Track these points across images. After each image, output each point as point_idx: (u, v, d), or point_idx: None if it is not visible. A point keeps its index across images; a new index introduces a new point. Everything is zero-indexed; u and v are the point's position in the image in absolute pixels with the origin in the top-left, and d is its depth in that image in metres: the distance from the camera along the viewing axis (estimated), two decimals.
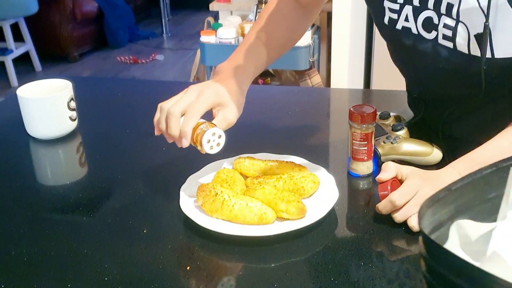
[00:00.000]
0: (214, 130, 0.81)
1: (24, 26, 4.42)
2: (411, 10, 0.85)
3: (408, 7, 0.85)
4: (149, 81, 2.32)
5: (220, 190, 0.82)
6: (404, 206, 0.76)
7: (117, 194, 0.93)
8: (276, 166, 0.91)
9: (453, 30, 0.80)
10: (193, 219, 0.79)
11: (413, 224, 0.75)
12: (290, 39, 1.06)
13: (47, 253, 0.77)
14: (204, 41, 2.52)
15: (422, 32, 0.85)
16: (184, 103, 0.83)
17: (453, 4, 0.79)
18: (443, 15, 0.81)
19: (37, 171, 1.07)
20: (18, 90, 1.11)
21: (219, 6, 2.96)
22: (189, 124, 0.81)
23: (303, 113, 1.23)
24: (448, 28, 0.81)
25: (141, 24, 6.06)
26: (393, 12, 0.88)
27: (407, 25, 0.87)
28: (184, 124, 0.81)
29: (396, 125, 0.98)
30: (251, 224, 0.78)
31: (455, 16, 0.79)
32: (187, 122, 0.81)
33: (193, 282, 0.71)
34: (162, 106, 0.84)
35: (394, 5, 0.87)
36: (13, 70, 4.26)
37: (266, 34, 1.00)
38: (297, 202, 0.80)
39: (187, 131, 0.81)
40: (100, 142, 1.13)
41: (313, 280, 0.70)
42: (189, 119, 0.81)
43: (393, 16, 0.88)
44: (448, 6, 0.80)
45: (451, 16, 0.80)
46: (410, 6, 0.85)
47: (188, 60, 4.66)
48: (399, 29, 0.88)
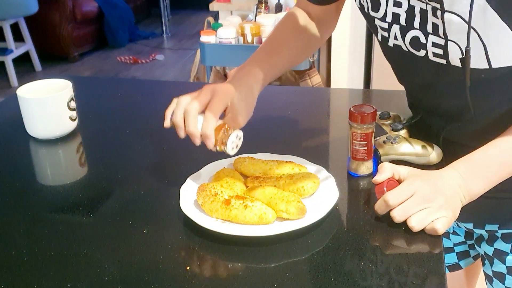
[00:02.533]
0: (237, 133, 0.86)
1: (24, 26, 4.43)
2: (398, 29, 0.85)
3: (396, 26, 0.85)
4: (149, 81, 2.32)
5: (220, 190, 0.82)
6: (403, 206, 0.76)
7: (117, 194, 0.93)
8: (276, 166, 0.91)
9: (443, 48, 0.80)
10: (193, 219, 0.79)
11: (413, 224, 0.75)
12: (302, 51, 1.07)
13: (47, 253, 0.77)
14: (204, 41, 2.52)
15: (411, 50, 0.85)
16: (201, 102, 0.85)
17: (438, 25, 0.78)
18: (430, 34, 0.80)
19: (37, 171, 1.07)
20: (18, 90, 1.11)
21: (219, 6, 2.96)
22: (209, 127, 0.83)
23: (303, 113, 1.23)
24: (437, 47, 0.80)
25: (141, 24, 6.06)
26: (384, 31, 0.88)
27: (397, 43, 0.87)
28: (205, 126, 0.84)
29: (396, 125, 0.98)
30: (251, 224, 0.78)
31: (443, 35, 0.78)
32: (208, 124, 0.84)
33: (193, 282, 0.71)
34: (179, 101, 0.86)
35: (383, 23, 0.87)
36: (13, 70, 4.27)
37: (279, 45, 1.02)
38: (297, 202, 0.80)
39: (210, 133, 0.83)
40: (100, 142, 1.13)
41: (313, 280, 0.70)
42: (210, 121, 0.84)
43: (384, 34, 0.89)
44: (434, 26, 0.79)
45: (439, 35, 0.79)
46: (398, 26, 0.85)
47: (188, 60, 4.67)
48: (391, 46, 0.88)
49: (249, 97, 0.92)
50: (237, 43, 2.49)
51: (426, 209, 0.75)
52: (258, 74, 0.95)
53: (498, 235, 0.97)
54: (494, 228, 0.97)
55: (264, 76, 0.96)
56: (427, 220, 0.75)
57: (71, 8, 4.74)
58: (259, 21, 2.55)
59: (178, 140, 0.88)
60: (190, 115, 0.84)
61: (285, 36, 1.04)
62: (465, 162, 0.80)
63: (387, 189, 0.78)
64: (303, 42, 1.06)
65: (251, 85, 0.93)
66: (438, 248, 0.75)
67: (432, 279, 0.70)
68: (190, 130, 0.84)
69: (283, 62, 1.02)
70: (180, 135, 0.86)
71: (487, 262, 1.01)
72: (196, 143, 0.85)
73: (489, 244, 1.00)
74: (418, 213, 0.75)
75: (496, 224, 0.96)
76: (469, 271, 1.19)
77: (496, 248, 0.98)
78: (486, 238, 1.00)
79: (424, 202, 0.76)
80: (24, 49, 4.48)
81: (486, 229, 0.98)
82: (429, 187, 0.77)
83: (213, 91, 0.86)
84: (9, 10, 4.18)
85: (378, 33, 0.90)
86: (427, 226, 0.75)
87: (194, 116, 0.84)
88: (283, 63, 1.03)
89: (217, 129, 0.85)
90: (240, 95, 0.89)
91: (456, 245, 1.12)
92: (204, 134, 0.84)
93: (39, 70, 4.60)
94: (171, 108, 0.87)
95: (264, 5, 2.70)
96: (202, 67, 2.77)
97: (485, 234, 1.00)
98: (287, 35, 1.04)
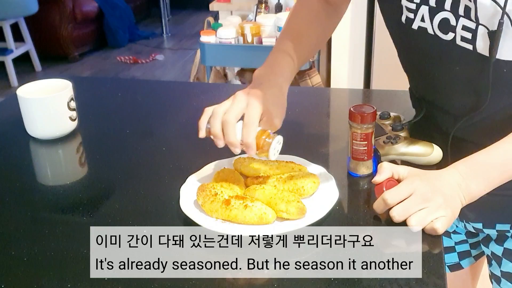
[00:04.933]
0: (278, 138, 0.85)
1: (24, 26, 4.42)
2: (427, 10, 0.83)
3: (425, 7, 0.83)
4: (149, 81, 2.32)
5: (220, 190, 0.82)
6: (402, 205, 0.76)
7: (117, 194, 0.93)
8: (276, 166, 0.91)
9: (472, 32, 0.78)
10: (193, 219, 0.79)
11: (413, 224, 0.75)
12: (321, 37, 1.07)
13: (47, 253, 0.77)
14: (204, 41, 2.52)
15: (438, 33, 0.83)
16: (237, 110, 0.84)
17: (470, 8, 0.77)
18: (461, 17, 0.79)
19: (37, 171, 1.07)
20: (18, 90, 1.10)
21: (219, 6, 2.95)
22: (251, 136, 0.83)
23: (303, 113, 1.23)
24: (467, 30, 0.79)
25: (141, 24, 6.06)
26: (409, 11, 0.86)
27: (423, 25, 0.84)
28: (247, 135, 0.82)
29: (396, 125, 0.98)
30: (251, 224, 0.78)
31: (474, 19, 0.77)
32: (250, 133, 0.83)
33: (193, 282, 0.71)
34: (215, 112, 0.85)
35: (411, 4, 0.85)
36: (13, 70, 4.26)
37: (298, 34, 1.01)
38: (297, 202, 0.80)
39: (252, 142, 0.83)
40: (100, 142, 1.13)
41: (313, 280, 0.70)
42: (251, 130, 0.83)
43: (409, 15, 0.86)
44: (466, 8, 0.78)
45: (470, 19, 0.78)
46: (427, 7, 0.83)
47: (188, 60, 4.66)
48: (415, 29, 0.86)
49: (280, 98, 0.91)
50: (237, 43, 2.49)
51: (425, 208, 0.75)
52: (284, 72, 0.95)
53: (509, 234, 0.96)
54: (506, 227, 0.95)
55: (290, 72, 0.96)
56: (426, 219, 0.75)
57: (71, 8, 4.73)
58: (259, 21, 2.55)
59: (178, 140, 0.89)
60: (229, 125, 0.83)
61: (304, 25, 1.02)
62: (466, 162, 0.80)
63: (386, 189, 0.78)
64: (321, 28, 1.04)
65: (280, 84, 0.92)
66: (438, 248, 0.75)
67: (432, 279, 0.70)
68: (231, 140, 0.83)
69: (305, 52, 1.01)
70: (219, 145, 0.85)
71: (495, 263, 1.01)
72: (236, 152, 0.84)
73: (499, 244, 0.99)
74: (417, 213, 0.75)
75: (508, 223, 0.95)
76: (470, 271, 1.18)
77: (507, 248, 0.97)
78: (495, 238, 1.00)
79: (423, 202, 0.75)
80: (24, 49, 4.48)
81: (496, 228, 0.97)
82: (428, 186, 0.77)
83: (248, 98, 0.85)
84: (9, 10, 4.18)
85: (402, 15, 0.87)
86: (426, 226, 0.75)
87: (232, 125, 0.83)
88: (305, 54, 1.02)
89: (258, 137, 0.84)
90: (272, 98, 0.88)
91: (457, 244, 1.11)
92: (246, 143, 0.83)
93: (39, 70, 4.60)
94: (204, 118, 0.86)
95: (264, 5, 2.70)
96: (202, 67, 2.77)
97: (494, 234, 0.99)
98: (305, 24, 1.02)
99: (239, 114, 0.84)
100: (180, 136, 1.13)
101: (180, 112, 1.26)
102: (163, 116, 1.24)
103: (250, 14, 2.75)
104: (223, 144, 0.85)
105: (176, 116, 1.24)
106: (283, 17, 2.43)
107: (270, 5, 2.74)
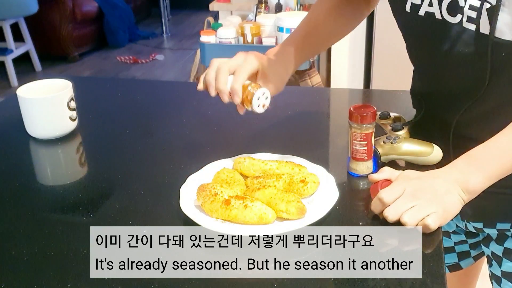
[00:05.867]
0: (263, 90, 0.89)
1: (24, 26, 4.42)
2: None
3: None
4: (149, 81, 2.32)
5: (220, 190, 0.82)
6: (394, 205, 0.76)
7: (117, 194, 0.93)
8: (276, 166, 0.91)
9: (477, 11, 0.78)
10: (193, 219, 0.79)
11: (406, 220, 0.75)
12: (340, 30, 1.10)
13: (47, 253, 0.77)
14: (204, 41, 2.52)
15: (446, 16, 0.83)
16: (233, 63, 0.91)
17: None
18: None
19: (37, 171, 1.07)
20: (18, 90, 1.10)
21: (219, 6, 2.95)
22: (238, 82, 0.89)
23: (303, 113, 1.23)
24: (473, 9, 0.79)
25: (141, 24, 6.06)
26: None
27: (430, 10, 0.85)
28: (234, 81, 0.89)
29: (396, 125, 0.98)
30: (251, 224, 0.78)
31: None
32: (236, 79, 0.89)
33: (193, 282, 0.71)
34: (212, 62, 0.92)
35: None
36: (13, 70, 4.26)
37: (316, 24, 1.05)
38: (297, 202, 0.80)
39: (237, 88, 0.89)
40: (100, 142, 1.13)
41: (313, 280, 0.70)
42: (238, 77, 0.89)
43: (415, 1, 0.86)
44: None
45: None
46: None
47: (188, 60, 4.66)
48: (422, 15, 0.86)
49: (282, 72, 0.97)
50: (237, 43, 2.49)
51: (415, 206, 0.76)
52: (291, 54, 1.00)
53: (509, 234, 0.96)
54: (506, 226, 0.95)
55: (299, 55, 1.01)
56: (417, 216, 0.75)
57: (71, 8, 4.73)
58: (259, 21, 2.55)
59: (178, 140, 0.89)
60: (221, 72, 0.89)
61: (322, 15, 1.06)
62: (464, 157, 0.80)
63: (381, 189, 0.79)
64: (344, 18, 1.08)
65: (284, 62, 0.98)
66: (438, 248, 0.75)
67: (432, 279, 0.70)
68: (220, 86, 0.89)
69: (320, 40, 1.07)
70: (211, 93, 0.91)
71: (495, 263, 1.01)
72: (224, 100, 0.90)
73: (499, 243, 0.99)
74: (409, 210, 0.76)
75: (508, 222, 0.95)
76: (469, 271, 1.18)
77: (507, 247, 0.97)
78: (495, 238, 1.00)
79: (413, 199, 0.76)
80: (24, 49, 4.48)
81: (497, 228, 0.97)
82: (418, 184, 0.77)
83: (246, 55, 0.92)
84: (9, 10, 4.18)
85: (407, 3, 0.88)
86: (419, 223, 0.75)
87: (225, 73, 0.89)
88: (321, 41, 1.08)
89: (245, 87, 0.89)
90: (272, 64, 0.95)
91: (457, 244, 1.11)
92: (232, 89, 0.88)
93: (39, 70, 4.60)
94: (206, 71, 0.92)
95: (264, 5, 2.70)
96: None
97: (494, 234, 0.99)
98: (324, 14, 1.06)
99: (234, 66, 0.91)
100: (180, 136, 1.13)
101: (180, 112, 1.26)
102: (163, 116, 1.24)
103: (250, 14, 2.75)
104: (214, 92, 0.90)
105: (176, 116, 1.24)
106: (283, 17, 2.43)
107: (270, 5, 2.74)
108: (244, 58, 0.92)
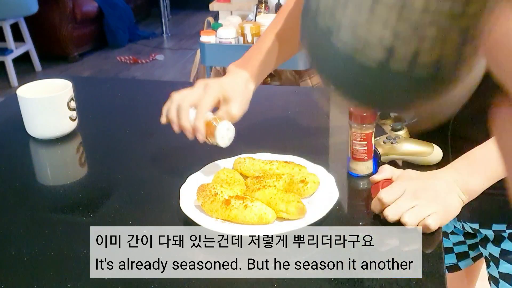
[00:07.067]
0: (226, 125, 0.87)
1: (24, 26, 4.42)
2: None
3: None
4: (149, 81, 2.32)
5: (220, 190, 0.82)
6: (394, 204, 0.77)
7: (117, 194, 0.93)
8: (276, 166, 0.91)
9: None
10: (193, 219, 0.79)
11: (406, 220, 0.75)
12: None
13: (47, 253, 0.77)
14: (204, 41, 2.52)
15: None
16: (193, 97, 0.88)
17: None
18: None
19: (37, 171, 1.07)
20: (18, 90, 1.10)
21: (219, 6, 2.95)
22: (199, 119, 0.87)
23: (303, 113, 1.23)
24: None
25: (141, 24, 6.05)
26: None
27: None
28: (196, 119, 0.87)
29: (396, 125, 0.98)
30: (251, 224, 0.78)
31: None
32: (198, 117, 0.87)
33: (193, 282, 0.71)
34: (172, 97, 0.90)
35: None
36: (13, 70, 4.26)
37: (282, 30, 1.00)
38: (297, 202, 0.80)
39: (200, 126, 0.86)
40: (100, 142, 1.13)
41: (313, 280, 0.70)
42: (200, 113, 0.87)
43: None
44: None
45: None
46: None
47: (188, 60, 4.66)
48: None
49: (241, 86, 0.92)
50: (237, 43, 2.49)
51: (416, 206, 0.76)
52: (255, 67, 0.96)
53: (505, 235, 0.96)
54: (502, 228, 0.95)
55: (262, 67, 0.96)
56: (418, 216, 0.75)
57: (71, 8, 4.73)
58: (259, 21, 2.55)
59: (178, 140, 0.89)
60: (182, 109, 0.87)
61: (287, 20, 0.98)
62: (463, 158, 0.80)
63: (382, 189, 0.79)
64: None
65: (246, 78, 0.94)
66: (438, 248, 0.75)
67: (432, 279, 0.70)
68: (182, 124, 0.87)
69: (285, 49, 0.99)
70: (175, 130, 0.89)
71: (492, 264, 1.00)
72: (188, 137, 0.88)
73: (496, 244, 0.99)
74: (409, 210, 0.76)
75: (504, 224, 0.95)
76: (468, 272, 1.18)
77: (503, 248, 0.97)
78: (492, 239, 1.00)
79: (414, 199, 0.76)
80: (24, 49, 4.47)
81: (493, 229, 0.97)
82: (417, 185, 0.78)
83: (205, 85, 0.89)
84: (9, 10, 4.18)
85: None
86: (419, 223, 0.75)
87: (185, 110, 0.87)
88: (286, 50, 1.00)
89: (208, 122, 0.87)
90: (231, 85, 0.91)
91: (456, 245, 1.11)
92: (194, 127, 0.86)
93: (39, 70, 4.59)
94: (167, 104, 0.90)
95: (264, 5, 2.70)
96: (202, 67, 2.77)
97: (491, 235, 0.99)
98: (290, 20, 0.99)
99: (195, 101, 0.88)
100: (180, 136, 1.13)
101: None
102: None
103: (250, 14, 2.75)
104: (178, 129, 0.89)
105: None
106: None
107: (270, 5, 2.74)
108: (204, 90, 0.88)
